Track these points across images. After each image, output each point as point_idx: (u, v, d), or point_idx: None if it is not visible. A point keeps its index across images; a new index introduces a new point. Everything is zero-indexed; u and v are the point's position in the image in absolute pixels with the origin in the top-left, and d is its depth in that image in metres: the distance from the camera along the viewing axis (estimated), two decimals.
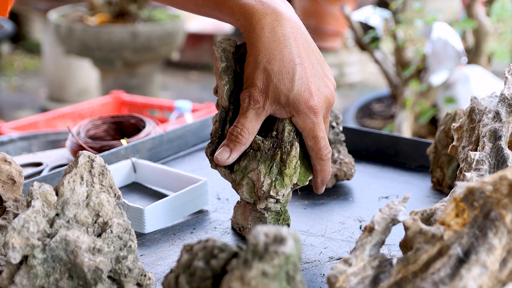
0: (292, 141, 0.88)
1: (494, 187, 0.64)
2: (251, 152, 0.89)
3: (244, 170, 0.89)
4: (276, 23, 0.87)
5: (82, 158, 0.76)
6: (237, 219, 0.95)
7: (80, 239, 0.71)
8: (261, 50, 0.86)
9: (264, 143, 0.89)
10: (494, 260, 0.62)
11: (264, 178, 0.87)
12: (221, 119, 0.91)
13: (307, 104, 0.86)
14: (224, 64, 0.89)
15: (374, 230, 0.69)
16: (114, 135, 1.25)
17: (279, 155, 0.88)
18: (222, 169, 0.91)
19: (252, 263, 0.57)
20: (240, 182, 0.89)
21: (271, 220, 0.92)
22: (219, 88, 0.90)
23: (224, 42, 0.90)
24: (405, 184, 1.12)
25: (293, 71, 0.86)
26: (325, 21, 3.60)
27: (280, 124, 0.89)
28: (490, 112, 0.88)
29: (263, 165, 0.88)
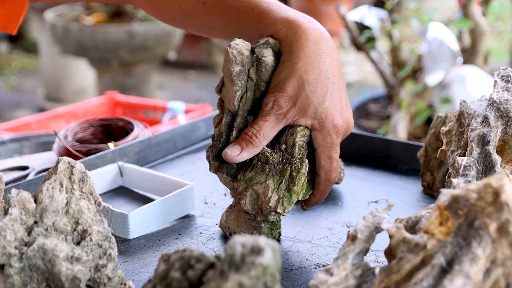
0: (302, 157, 0.86)
1: (478, 195, 0.63)
2: (259, 164, 0.87)
3: (249, 181, 0.87)
4: (320, 39, 0.87)
5: (61, 164, 0.74)
6: (228, 223, 0.93)
7: (58, 248, 0.70)
8: (301, 59, 0.86)
9: (273, 156, 0.86)
10: (478, 271, 0.60)
11: (272, 193, 0.86)
12: (227, 123, 0.88)
13: (333, 122, 0.86)
14: (238, 68, 0.85)
15: (357, 238, 0.67)
16: (101, 138, 1.23)
17: (288, 171, 0.86)
18: (223, 176, 0.88)
19: (228, 274, 0.55)
20: (243, 192, 0.87)
21: (266, 229, 0.91)
22: (228, 91, 0.87)
23: (239, 44, 0.86)
24: (395, 188, 1.11)
25: (327, 87, 0.86)
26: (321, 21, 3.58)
27: (289, 138, 0.87)
28: (478, 116, 0.86)
29: (271, 180, 0.86)
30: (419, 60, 2.83)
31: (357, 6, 3.62)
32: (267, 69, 0.87)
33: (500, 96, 0.86)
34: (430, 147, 1.09)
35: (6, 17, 1.04)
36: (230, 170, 0.88)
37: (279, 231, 0.93)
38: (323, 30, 0.89)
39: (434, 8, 3.57)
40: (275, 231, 0.92)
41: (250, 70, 0.86)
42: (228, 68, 0.85)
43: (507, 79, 0.87)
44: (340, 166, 1.09)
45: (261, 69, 0.87)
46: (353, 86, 4.33)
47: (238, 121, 0.87)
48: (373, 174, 1.16)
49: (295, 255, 0.89)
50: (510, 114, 0.84)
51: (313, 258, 0.88)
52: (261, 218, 0.89)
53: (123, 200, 1.07)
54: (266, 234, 0.91)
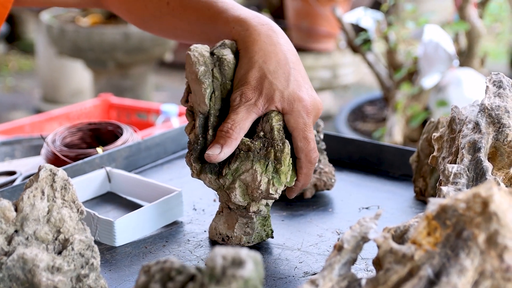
0: (282, 139, 0.87)
1: (467, 205, 0.61)
2: (242, 153, 0.87)
3: (235, 172, 0.87)
4: (271, 32, 0.91)
5: (43, 172, 0.73)
6: (219, 229, 0.92)
7: (38, 257, 0.68)
8: (257, 52, 0.88)
9: (254, 143, 0.87)
10: (466, 283, 0.59)
11: (261, 177, 0.86)
12: (201, 125, 0.88)
13: (301, 103, 0.88)
14: (203, 68, 0.87)
15: (344, 249, 0.66)
16: (90, 143, 1.22)
17: (272, 153, 0.87)
18: (208, 176, 0.88)
19: (208, 287, 0.54)
20: (230, 186, 0.87)
21: (259, 225, 0.91)
22: (196, 94, 0.88)
23: (199, 46, 0.89)
24: (387, 193, 1.09)
25: (288, 72, 0.88)
26: (318, 22, 3.57)
27: (266, 125, 0.87)
28: (470, 123, 0.85)
29: (258, 164, 0.86)
30: (415, 63, 2.81)
31: (353, 8, 3.61)
32: (229, 66, 0.89)
33: (492, 102, 0.84)
34: (422, 152, 1.07)
35: None
36: (213, 168, 0.89)
37: (271, 229, 0.92)
38: (274, 25, 0.92)
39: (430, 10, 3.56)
40: (267, 228, 0.92)
41: (213, 70, 0.88)
42: (193, 70, 0.87)
43: (499, 84, 0.86)
44: (331, 171, 1.07)
45: (224, 68, 0.89)
46: (350, 88, 4.31)
47: (211, 120, 0.88)
48: (365, 179, 1.15)
49: (283, 263, 0.88)
50: (502, 121, 0.83)
51: (302, 266, 0.87)
52: (254, 208, 0.88)
53: (111, 206, 1.05)
54: (259, 231, 0.91)
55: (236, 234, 0.90)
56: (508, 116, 0.83)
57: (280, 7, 3.89)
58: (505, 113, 0.83)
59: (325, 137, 1.18)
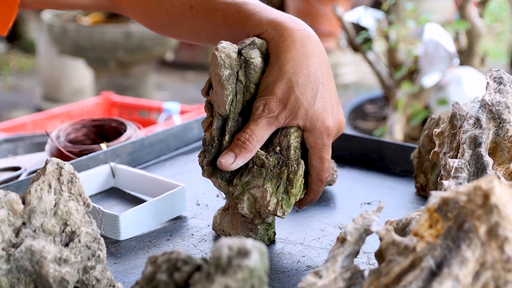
0: (298, 159, 0.86)
1: (468, 197, 0.62)
2: (255, 168, 0.86)
3: (246, 185, 0.87)
4: (307, 40, 0.87)
5: (50, 166, 0.74)
6: (223, 226, 0.93)
7: (46, 249, 0.69)
8: (289, 61, 0.85)
9: (269, 159, 0.86)
10: (467, 273, 0.60)
11: (271, 197, 0.85)
12: (218, 127, 0.86)
13: (324, 124, 0.86)
14: (228, 72, 0.84)
15: (346, 241, 0.67)
16: (94, 139, 1.23)
17: (286, 174, 0.86)
18: (218, 181, 0.88)
19: (214, 277, 0.55)
20: (239, 196, 0.87)
21: (262, 230, 0.91)
22: (218, 95, 0.85)
23: (227, 47, 0.85)
24: (388, 189, 1.10)
25: (317, 88, 0.85)
26: (319, 21, 3.58)
27: (283, 140, 0.86)
28: (471, 118, 0.86)
29: (269, 183, 0.86)
30: (416, 61, 2.82)
31: (354, 7, 3.62)
32: (255, 70, 0.86)
33: (492, 98, 0.85)
34: (423, 148, 1.08)
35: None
36: (225, 175, 0.88)
37: (273, 231, 0.93)
38: (310, 31, 0.89)
39: (431, 9, 3.57)
40: (270, 231, 0.92)
41: (238, 73, 0.85)
42: (217, 72, 0.84)
43: (500, 80, 0.87)
44: (333, 167, 1.08)
45: (250, 71, 0.86)
46: (351, 87, 4.33)
47: (229, 125, 0.86)
48: (366, 175, 1.16)
49: (286, 257, 0.89)
50: (502, 116, 0.84)
51: (305, 260, 0.88)
52: (259, 221, 0.89)
53: (115, 201, 1.06)
54: (262, 235, 0.91)
55: (239, 235, 0.91)
56: (509, 111, 0.84)
57: (281, 7, 3.91)
58: (505, 108, 0.84)
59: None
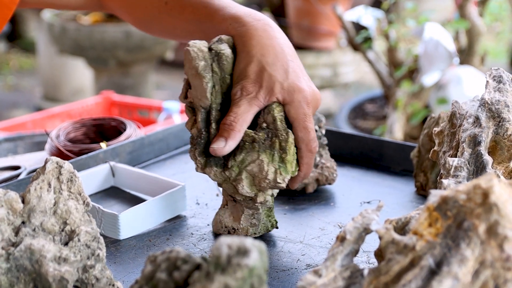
0: (285, 129, 0.88)
1: (467, 196, 0.62)
2: (247, 145, 0.88)
3: (241, 164, 0.88)
4: (267, 27, 0.92)
5: (50, 164, 0.74)
6: (225, 222, 0.93)
7: (45, 248, 0.69)
8: (255, 46, 0.90)
9: (258, 134, 0.88)
10: (466, 272, 0.60)
11: (268, 166, 0.87)
12: (203, 119, 0.89)
13: (301, 93, 0.89)
14: (203, 63, 0.88)
15: (346, 239, 0.67)
16: (94, 138, 1.23)
17: (277, 143, 0.88)
18: (213, 169, 0.89)
19: (214, 276, 0.55)
20: (237, 177, 0.89)
21: (264, 216, 0.92)
22: (196, 89, 0.89)
23: (197, 42, 0.89)
24: (388, 188, 1.10)
25: (287, 64, 0.90)
26: (318, 21, 3.58)
27: (268, 116, 0.88)
28: (470, 117, 0.86)
29: (264, 154, 0.88)
30: (416, 61, 2.82)
31: (354, 6, 3.62)
32: (228, 61, 0.89)
33: (492, 96, 0.85)
34: (423, 147, 1.08)
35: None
36: (218, 161, 0.90)
37: (275, 219, 0.94)
38: (269, 20, 0.93)
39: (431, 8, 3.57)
40: (272, 218, 0.94)
41: (212, 65, 0.89)
42: (193, 65, 0.88)
43: (499, 79, 0.87)
44: (333, 166, 1.08)
45: (223, 62, 0.89)
46: (350, 87, 4.32)
47: (213, 114, 0.89)
48: (366, 174, 1.16)
49: (286, 256, 0.89)
50: (502, 115, 0.84)
51: (304, 259, 0.88)
52: (261, 199, 0.90)
53: (115, 200, 1.06)
54: (265, 221, 0.93)
55: (243, 225, 0.92)
56: (508, 110, 0.84)
57: (281, 6, 3.90)
58: (505, 107, 0.84)
59: (327, 133, 1.19)
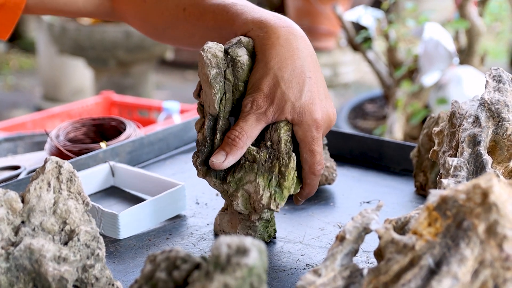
0: (289, 152, 0.86)
1: (467, 195, 0.62)
2: (247, 164, 0.87)
3: (239, 181, 0.87)
4: (291, 36, 0.88)
5: (49, 164, 0.74)
6: (223, 226, 0.93)
7: (45, 248, 0.69)
8: (274, 57, 0.86)
9: (260, 154, 0.86)
10: (466, 272, 0.60)
11: (264, 191, 0.86)
12: (209, 127, 0.87)
13: (312, 116, 0.86)
14: (215, 71, 0.85)
15: (346, 239, 0.67)
16: (94, 138, 1.23)
17: (277, 167, 0.86)
18: (212, 179, 0.88)
19: (213, 275, 0.55)
20: (234, 193, 0.87)
21: (261, 227, 0.91)
22: (207, 95, 0.86)
23: (212, 46, 0.86)
24: (388, 188, 1.11)
25: (303, 82, 0.86)
26: (318, 20, 3.58)
27: (274, 134, 0.86)
28: (470, 117, 0.86)
29: (261, 177, 0.86)
30: (416, 61, 2.82)
31: (354, 6, 3.62)
32: (243, 68, 0.87)
33: (492, 96, 0.85)
34: (423, 147, 1.08)
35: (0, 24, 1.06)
36: (219, 173, 0.88)
37: (274, 228, 0.93)
38: (295, 27, 0.90)
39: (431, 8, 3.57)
40: (270, 228, 0.92)
41: (226, 71, 0.86)
42: (204, 72, 0.85)
43: (499, 79, 0.87)
44: (333, 166, 1.08)
45: (237, 69, 0.87)
46: (350, 87, 4.33)
47: (220, 123, 0.87)
48: (366, 174, 1.16)
49: (286, 256, 0.89)
50: (501, 115, 0.84)
51: (304, 259, 0.88)
52: (255, 217, 0.89)
53: (115, 200, 1.06)
54: (262, 232, 0.91)
55: (239, 234, 0.91)
56: (508, 110, 0.84)
57: (281, 6, 3.91)
58: (504, 107, 0.84)
59: (327, 133, 1.19)
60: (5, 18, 1.05)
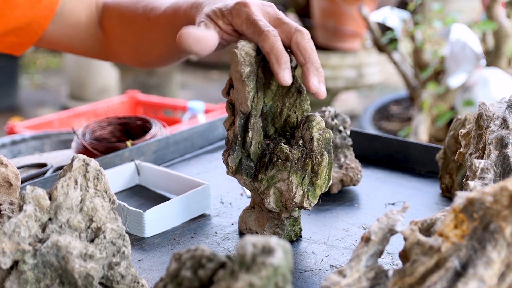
0: (321, 151, 0.86)
1: (494, 198, 0.62)
2: (279, 162, 0.87)
3: (271, 179, 0.87)
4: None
5: (76, 162, 0.75)
6: (249, 224, 0.93)
7: (72, 245, 0.70)
8: None
9: (292, 152, 0.86)
10: (492, 274, 0.60)
11: (297, 189, 0.86)
12: (240, 125, 0.87)
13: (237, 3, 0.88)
14: (248, 69, 0.85)
15: (371, 240, 0.67)
16: (120, 137, 1.24)
17: (310, 166, 0.86)
18: (243, 177, 0.88)
19: (239, 274, 0.55)
20: (265, 191, 0.88)
21: (289, 226, 0.91)
22: (239, 93, 0.86)
23: (246, 45, 0.86)
24: (413, 190, 1.10)
25: None
26: (344, 21, 3.57)
27: (306, 133, 0.87)
28: (497, 119, 0.85)
29: (294, 176, 0.86)
30: (442, 62, 2.80)
31: (380, 7, 3.61)
32: None
33: None
34: (449, 149, 1.07)
35: (18, 44, 1.12)
36: (249, 171, 0.88)
37: (300, 227, 0.93)
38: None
39: (457, 9, 3.54)
40: (297, 227, 0.93)
41: (258, 70, 0.86)
42: (238, 69, 0.85)
43: None
44: (357, 167, 1.08)
45: (269, 68, 0.86)
46: (376, 88, 4.31)
47: (252, 121, 0.87)
48: (391, 176, 1.16)
49: (310, 256, 0.89)
50: None
51: (328, 260, 0.88)
52: (286, 215, 0.89)
53: (140, 198, 1.07)
54: (289, 231, 0.91)
55: (266, 232, 0.91)
56: None
57: (306, 7, 3.90)
58: None
59: (352, 134, 1.19)
60: (25, 38, 1.11)
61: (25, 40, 1.11)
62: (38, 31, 1.10)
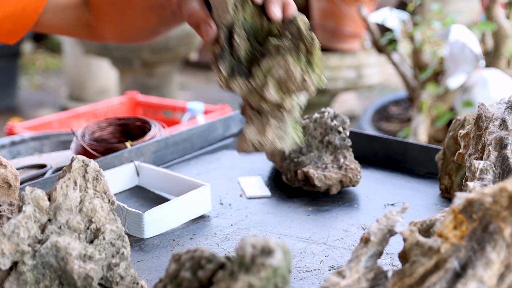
0: (312, 34, 0.84)
1: (493, 199, 0.62)
2: (272, 51, 0.85)
3: (267, 71, 0.84)
4: None
5: (76, 163, 0.75)
6: (250, 138, 0.87)
7: (71, 246, 0.70)
8: None
9: (283, 41, 0.84)
10: (492, 275, 0.60)
11: (295, 67, 0.83)
12: (226, 37, 0.86)
13: None
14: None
15: (370, 241, 0.67)
16: (119, 138, 1.24)
17: (303, 46, 0.84)
18: (237, 81, 0.85)
19: (238, 275, 0.55)
20: (263, 84, 0.84)
21: (291, 127, 0.87)
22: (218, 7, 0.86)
23: None
24: (412, 191, 1.10)
25: None
26: (343, 22, 3.57)
27: (292, 27, 0.85)
28: (497, 120, 0.85)
29: (289, 55, 0.84)
30: (441, 63, 2.80)
31: (379, 8, 3.60)
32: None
33: None
34: (448, 150, 1.07)
35: (14, 31, 1.12)
36: (241, 70, 0.86)
37: (302, 133, 0.89)
38: None
39: (457, 10, 3.54)
40: (298, 131, 0.88)
41: None
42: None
43: None
44: (357, 168, 1.08)
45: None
46: (375, 89, 4.30)
47: (237, 30, 0.85)
48: (390, 176, 1.16)
49: (309, 257, 0.89)
50: None
51: (328, 260, 0.88)
52: (288, 105, 0.85)
53: (139, 199, 1.07)
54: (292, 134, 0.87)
55: (269, 138, 0.86)
56: None
57: (306, 7, 3.90)
58: None
59: (351, 135, 1.19)
60: (20, 24, 1.11)
61: (20, 27, 1.12)
62: (33, 15, 1.11)
